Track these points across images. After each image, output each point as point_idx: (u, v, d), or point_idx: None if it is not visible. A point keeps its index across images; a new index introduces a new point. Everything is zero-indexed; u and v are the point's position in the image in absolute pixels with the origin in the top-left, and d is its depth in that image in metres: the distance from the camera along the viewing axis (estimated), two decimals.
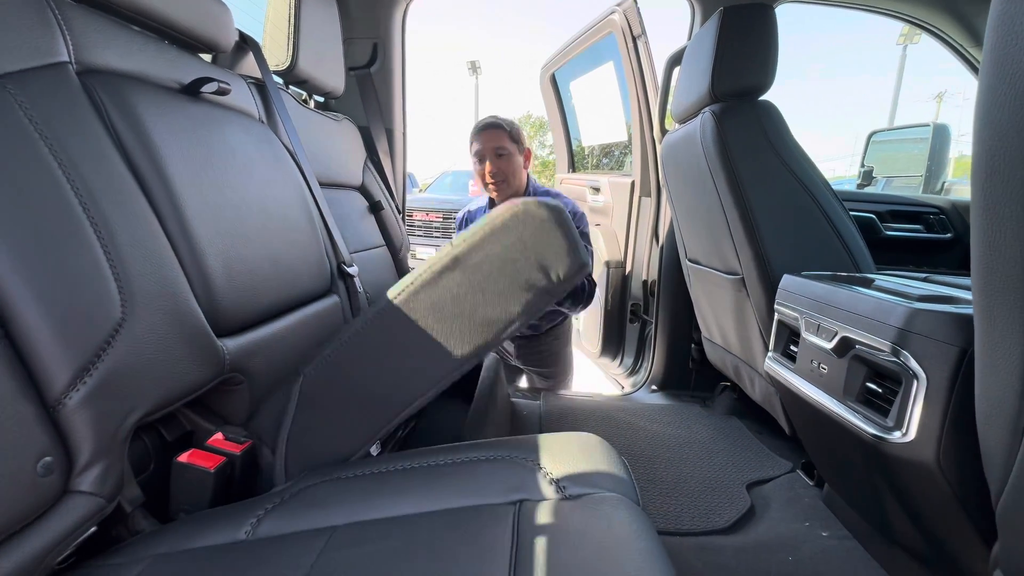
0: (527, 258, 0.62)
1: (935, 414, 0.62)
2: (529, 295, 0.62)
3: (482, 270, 0.63)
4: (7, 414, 0.43)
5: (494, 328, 0.63)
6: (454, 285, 0.64)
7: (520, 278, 0.63)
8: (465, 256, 0.64)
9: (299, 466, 0.67)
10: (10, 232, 0.47)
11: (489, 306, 0.63)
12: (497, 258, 0.63)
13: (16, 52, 0.54)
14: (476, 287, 0.63)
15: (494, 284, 0.63)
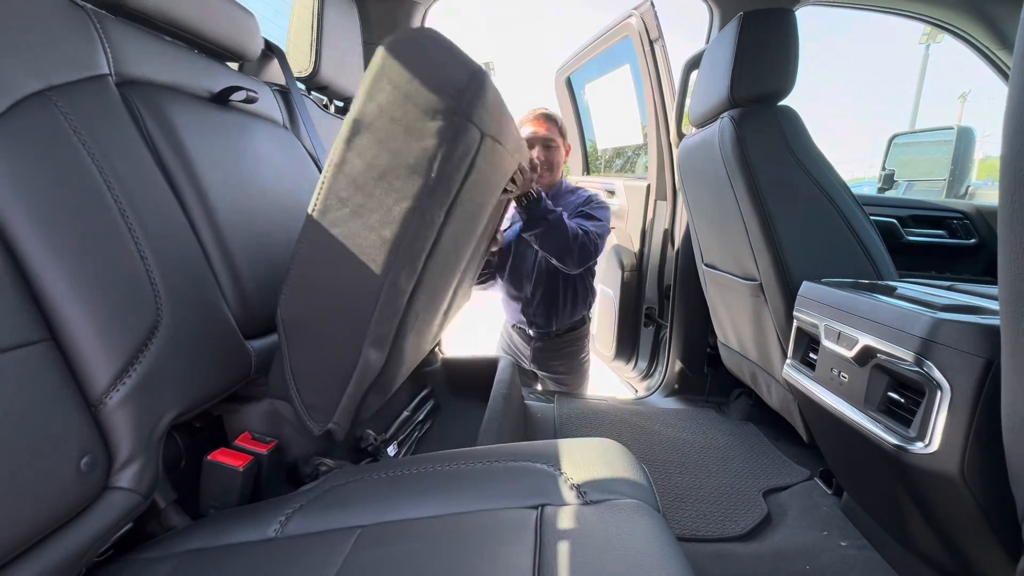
0: (418, 86, 0.56)
1: (959, 425, 0.61)
2: (440, 122, 0.56)
3: (384, 118, 0.57)
4: (54, 413, 0.45)
5: (422, 171, 0.57)
6: (364, 151, 0.57)
7: (422, 107, 0.56)
8: (360, 116, 0.57)
9: (318, 406, 0.65)
10: (56, 238, 0.49)
11: (406, 150, 0.57)
12: (391, 102, 0.56)
13: (62, 66, 0.56)
14: (386, 138, 0.57)
15: (401, 125, 0.57)
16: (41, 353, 0.46)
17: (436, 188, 0.58)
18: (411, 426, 1.36)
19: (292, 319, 0.63)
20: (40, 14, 0.55)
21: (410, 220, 0.57)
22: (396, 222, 0.57)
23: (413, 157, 0.56)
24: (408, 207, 0.57)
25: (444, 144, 0.56)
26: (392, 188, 0.57)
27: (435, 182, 0.57)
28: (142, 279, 0.55)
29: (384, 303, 0.60)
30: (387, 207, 0.57)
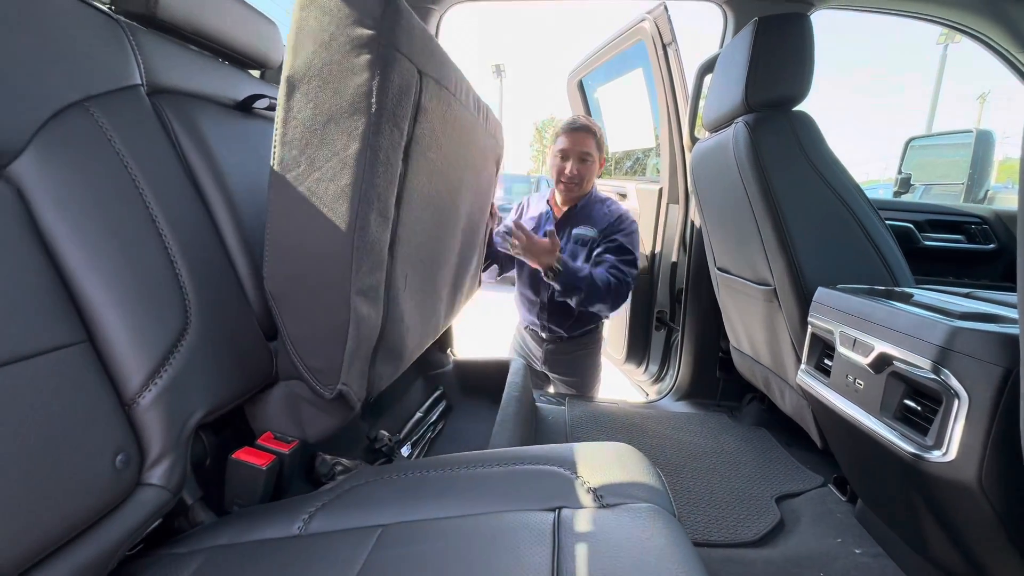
0: (336, 26, 0.55)
1: (977, 434, 0.61)
2: (367, 54, 0.55)
3: (313, 68, 0.56)
4: (91, 411, 0.47)
5: (362, 109, 0.56)
6: (304, 105, 0.57)
7: (346, 45, 0.55)
8: (292, 73, 0.57)
9: (323, 368, 0.64)
10: (95, 243, 0.51)
11: (343, 92, 0.56)
12: (315, 51, 0.56)
13: (99, 77, 0.58)
14: (320, 87, 0.57)
15: (330, 74, 0.56)
16: (79, 354, 0.48)
17: (381, 125, 0.58)
18: (424, 427, 1.37)
19: (278, 290, 0.63)
20: (79, 28, 0.57)
21: (362, 161, 0.58)
22: (350, 166, 0.58)
23: (350, 97, 0.57)
24: (357, 148, 0.57)
25: (376, 75, 0.56)
26: (338, 132, 0.57)
27: (377, 117, 0.57)
28: (172, 283, 0.57)
29: (360, 252, 0.60)
30: (337, 153, 0.58)
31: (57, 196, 0.50)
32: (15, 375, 0.42)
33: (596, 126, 1.54)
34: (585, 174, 1.54)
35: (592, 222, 1.59)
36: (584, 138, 1.52)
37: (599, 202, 1.62)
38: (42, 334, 0.45)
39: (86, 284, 0.50)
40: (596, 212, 1.60)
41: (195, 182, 0.67)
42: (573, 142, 1.52)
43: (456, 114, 0.82)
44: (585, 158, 1.52)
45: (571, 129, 1.53)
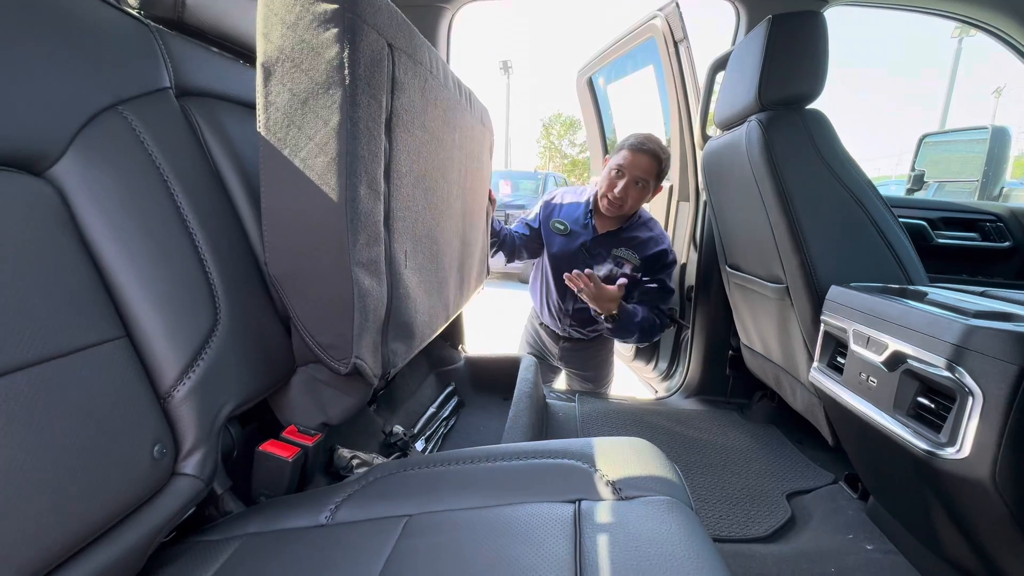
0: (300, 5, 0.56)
1: (991, 432, 0.61)
2: (334, 28, 0.56)
3: (284, 51, 0.57)
4: (131, 404, 0.49)
5: (337, 82, 0.57)
6: (281, 89, 0.59)
7: (312, 23, 0.56)
8: (265, 60, 0.58)
9: (334, 344, 0.66)
10: (131, 243, 0.53)
11: (316, 70, 0.57)
12: (283, 34, 0.57)
13: (130, 81, 0.60)
14: (293, 69, 0.57)
15: (301, 55, 0.57)
16: (118, 349, 0.50)
17: (357, 96, 0.60)
18: (437, 422, 1.39)
19: (281, 273, 0.65)
20: (113, 34, 0.59)
21: (343, 134, 0.59)
22: (333, 140, 0.59)
23: (323, 72, 0.58)
24: (338, 120, 0.59)
25: (345, 47, 0.57)
26: (317, 109, 0.59)
27: (352, 88, 0.59)
28: (202, 280, 0.59)
29: (354, 224, 0.62)
30: (319, 130, 0.59)
31: (96, 197, 0.52)
32: (61, 370, 0.44)
33: (663, 152, 1.44)
34: (633, 199, 1.47)
35: (634, 246, 1.57)
36: (645, 162, 1.42)
37: (642, 224, 1.59)
38: (85, 330, 0.47)
39: (123, 282, 0.52)
40: (639, 238, 1.57)
41: (221, 181, 0.69)
42: (632, 163, 1.43)
43: (435, 91, 0.84)
44: (640, 183, 1.44)
45: (635, 149, 1.42)
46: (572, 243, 1.63)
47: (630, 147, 1.44)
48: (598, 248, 1.59)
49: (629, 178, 1.44)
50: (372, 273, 0.67)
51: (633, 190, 1.45)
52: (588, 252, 1.61)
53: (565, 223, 1.64)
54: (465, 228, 1.19)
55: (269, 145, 0.61)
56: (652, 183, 1.46)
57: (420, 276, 0.86)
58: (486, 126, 1.33)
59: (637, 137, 1.45)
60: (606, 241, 1.58)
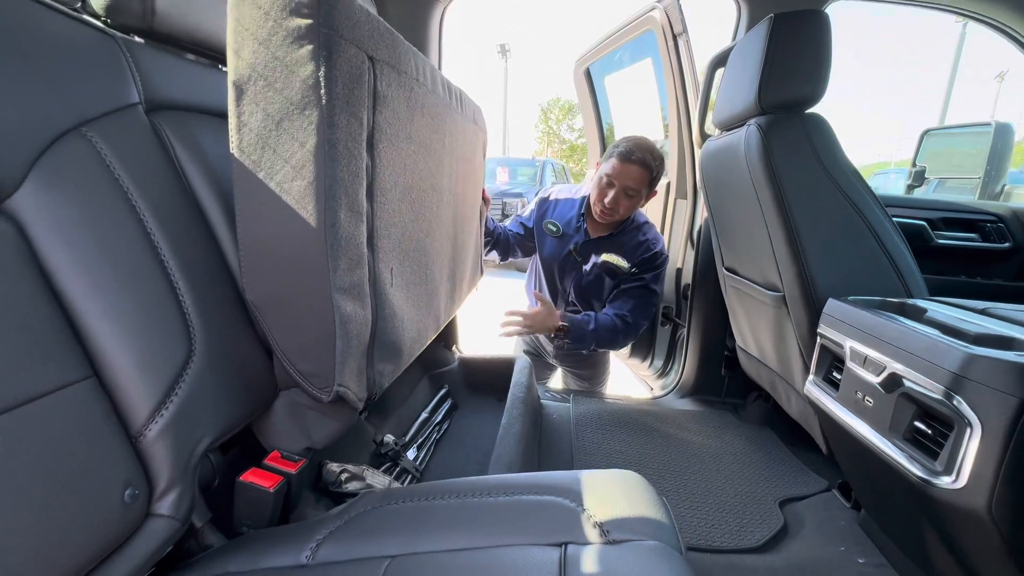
0: (272, 20, 0.53)
1: (989, 463, 0.60)
2: (308, 44, 0.53)
3: (257, 68, 0.54)
4: (99, 447, 0.47)
5: (312, 103, 0.55)
6: (254, 110, 0.56)
7: (285, 39, 0.53)
8: (237, 78, 0.55)
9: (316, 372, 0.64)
10: (97, 275, 0.51)
11: (290, 89, 0.54)
12: (255, 50, 0.54)
13: (95, 99, 0.57)
14: (265, 87, 0.55)
15: (274, 73, 0.54)
16: (86, 390, 0.48)
17: (334, 116, 0.56)
18: (430, 427, 1.38)
19: (259, 299, 0.63)
20: (73, 49, 0.56)
21: (320, 157, 0.56)
22: (309, 164, 0.56)
23: (298, 92, 0.55)
24: (314, 143, 0.56)
25: (320, 66, 0.54)
26: (293, 131, 0.56)
27: (329, 109, 0.56)
28: (176, 310, 0.57)
29: (334, 250, 0.59)
30: (295, 153, 0.56)
31: (58, 229, 0.49)
32: (24, 418, 0.42)
33: (654, 160, 1.38)
34: (625, 209, 1.43)
35: (624, 251, 1.53)
36: (635, 172, 1.37)
37: (635, 228, 1.54)
38: (49, 373, 0.45)
39: (89, 318, 0.50)
40: (630, 242, 1.53)
41: (196, 201, 0.66)
42: (621, 173, 1.38)
43: (421, 99, 0.80)
44: (630, 193, 1.40)
45: (624, 159, 1.36)
46: (563, 246, 1.61)
47: (619, 156, 1.39)
48: (588, 252, 1.57)
49: (619, 188, 1.40)
50: (355, 297, 0.65)
51: (624, 200, 1.41)
52: (579, 256, 1.58)
53: (558, 224, 1.62)
54: (457, 233, 1.17)
55: (243, 167, 0.58)
56: (644, 191, 1.42)
57: (407, 292, 0.84)
58: (479, 125, 1.29)
59: (627, 145, 1.39)
60: (597, 245, 1.56)
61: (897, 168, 8.44)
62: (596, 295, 1.62)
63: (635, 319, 1.52)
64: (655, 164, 1.38)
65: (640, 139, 1.41)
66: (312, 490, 0.93)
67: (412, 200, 0.82)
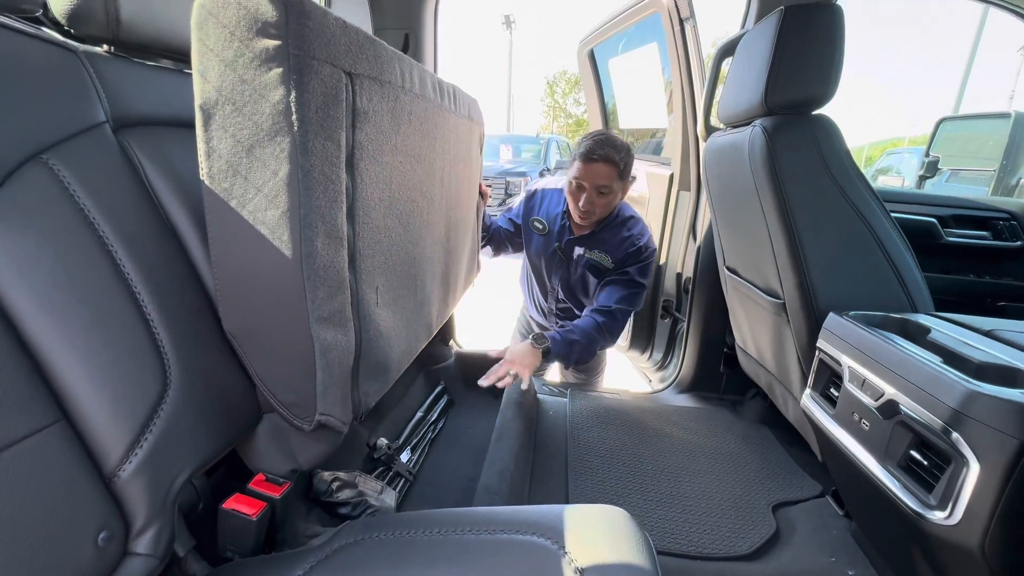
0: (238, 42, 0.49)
1: (985, 502, 0.59)
2: (277, 68, 0.50)
3: (224, 92, 0.52)
4: (70, 493, 0.47)
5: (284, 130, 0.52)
6: (221, 138, 0.53)
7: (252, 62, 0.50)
8: (203, 102, 0.52)
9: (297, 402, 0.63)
10: (63, 315, 0.49)
11: (260, 115, 0.52)
12: (221, 73, 0.51)
13: (57, 122, 0.54)
14: (232, 113, 0.52)
15: (242, 98, 0.51)
16: (54, 435, 0.47)
17: (308, 143, 0.53)
18: (425, 427, 1.39)
19: (237, 329, 0.62)
20: (30, 67, 0.52)
21: (295, 185, 0.53)
22: (283, 193, 0.54)
23: (268, 118, 0.52)
24: (287, 172, 0.53)
25: (291, 90, 0.51)
26: (265, 159, 0.53)
27: (303, 135, 0.52)
28: (149, 344, 0.55)
29: (312, 280, 0.57)
30: (268, 181, 0.54)
31: (18, 269, 0.47)
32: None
33: (618, 152, 1.33)
34: (601, 207, 1.40)
35: (609, 248, 1.50)
36: (601, 170, 1.33)
37: (620, 224, 1.51)
38: (15, 422, 0.44)
39: (57, 360, 0.48)
40: (614, 238, 1.49)
41: (170, 223, 0.64)
42: (588, 174, 1.35)
43: (408, 107, 0.76)
44: (603, 191, 1.36)
45: (587, 160, 1.34)
46: (549, 244, 1.59)
47: (581, 159, 1.35)
48: (572, 250, 1.55)
49: (590, 189, 1.37)
50: (336, 325, 0.63)
51: (598, 199, 1.38)
52: (563, 254, 1.57)
53: (544, 222, 1.60)
54: (450, 236, 1.14)
55: (214, 196, 0.55)
56: (617, 184, 1.38)
57: (395, 308, 0.82)
58: (474, 119, 1.25)
59: (587, 144, 1.35)
60: (581, 243, 1.54)
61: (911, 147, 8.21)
62: (583, 291, 1.61)
63: (619, 310, 1.48)
64: (620, 156, 1.34)
65: (599, 135, 1.37)
66: (304, 500, 0.94)
67: (399, 213, 0.79)
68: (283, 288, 0.57)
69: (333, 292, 0.61)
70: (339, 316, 0.63)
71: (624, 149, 1.36)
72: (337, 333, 0.63)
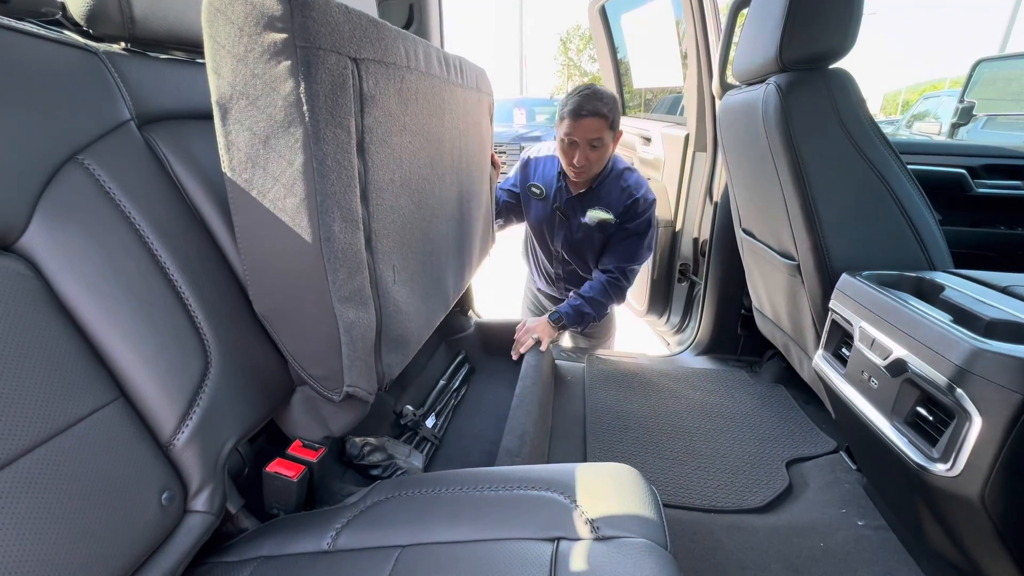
0: (247, 36, 0.51)
1: (986, 455, 0.60)
2: (285, 60, 0.52)
3: (237, 86, 0.54)
4: (134, 460, 0.53)
5: (297, 121, 0.54)
6: (239, 132, 0.56)
7: (262, 55, 0.52)
8: (219, 98, 0.55)
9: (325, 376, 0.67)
10: (111, 303, 0.54)
11: (272, 108, 0.54)
12: (234, 68, 0.53)
13: (87, 123, 0.58)
14: (248, 106, 0.54)
15: (255, 91, 0.53)
16: (115, 411, 0.52)
17: (320, 131, 0.56)
18: (448, 394, 1.45)
19: (267, 310, 0.66)
20: (57, 73, 0.56)
21: (310, 173, 0.56)
22: (300, 181, 0.57)
23: (282, 110, 0.54)
24: (302, 161, 0.56)
25: (300, 82, 0.53)
26: (280, 150, 0.56)
27: (315, 125, 0.55)
28: (189, 327, 0.60)
29: (332, 263, 0.61)
30: (285, 171, 0.56)
31: (70, 264, 0.52)
32: (63, 445, 0.47)
33: (606, 104, 1.34)
34: (595, 161, 1.41)
35: (608, 203, 1.51)
36: (591, 124, 1.34)
37: (616, 177, 1.51)
38: (80, 401, 0.49)
39: (110, 344, 0.53)
40: (613, 191, 1.50)
41: (197, 213, 0.68)
42: (577, 129, 1.35)
43: (415, 86, 0.78)
44: (595, 144, 1.37)
45: (575, 116, 1.34)
46: (548, 208, 1.61)
47: (570, 115, 1.35)
48: (572, 210, 1.56)
49: (582, 144, 1.37)
50: (357, 303, 0.67)
51: (591, 153, 1.39)
52: (563, 215, 1.58)
53: (541, 187, 1.61)
54: (463, 210, 1.16)
55: (236, 187, 0.59)
56: (608, 136, 1.38)
57: (412, 284, 0.86)
58: (483, 90, 1.24)
59: (573, 101, 1.35)
60: (580, 202, 1.55)
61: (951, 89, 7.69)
62: (589, 249, 1.63)
63: (626, 269, 1.54)
64: (607, 108, 1.34)
65: (585, 89, 1.37)
66: (337, 463, 1.02)
67: (411, 191, 0.82)
68: (306, 271, 0.61)
69: (353, 273, 0.65)
70: (360, 295, 0.67)
71: (611, 100, 1.36)
72: (359, 311, 0.67)
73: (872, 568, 0.92)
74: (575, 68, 23.93)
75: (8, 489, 0.42)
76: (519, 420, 1.17)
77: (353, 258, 0.65)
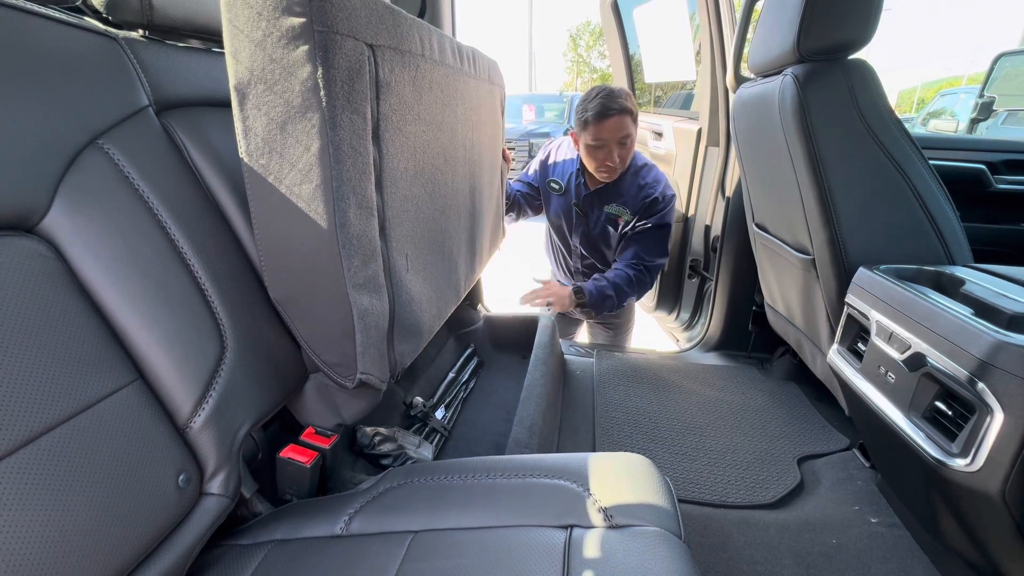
0: (265, 20, 0.52)
1: (1007, 450, 0.59)
2: (303, 45, 0.52)
3: (255, 71, 0.54)
4: (151, 442, 0.53)
5: (313, 106, 0.54)
6: (256, 117, 0.56)
7: (279, 40, 0.52)
8: (237, 83, 0.55)
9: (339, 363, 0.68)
10: (129, 286, 0.54)
11: (290, 93, 0.54)
12: (252, 53, 0.53)
13: (106, 108, 0.58)
14: (265, 92, 0.55)
15: (273, 76, 0.53)
16: (133, 393, 0.53)
17: (336, 117, 0.56)
18: (457, 387, 1.45)
19: (281, 296, 0.67)
20: (77, 58, 0.56)
21: (326, 159, 0.57)
22: (316, 167, 0.57)
23: (299, 96, 0.54)
24: (319, 147, 0.56)
25: (318, 67, 0.53)
26: (297, 135, 0.56)
27: (331, 110, 0.55)
28: (205, 311, 0.61)
29: (347, 249, 0.61)
30: (301, 156, 0.57)
31: (90, 246, 0.53)
32: (83, 426, 0.47)
33: (627, 100, 1.36)
34: (626, 156, 1.42)
35: (625, 199, 1.52)
36: (620, 123, 1.35)
37: (634, 173, 1.52)
38: (99, 382, 0.50)
39: (128, 327, 0.54)
40: (630, 188, 1.51)
41: (214, 200, 0.68)
42: (610, 131, 1.36)
43: (429, 75, 0.78)
44: (625, 141, 1.39)
45: (602, 118, 1.35)
46: (567, 203, 1.62)
47: (595, 118, 1.36)
48: (590, 205, 1.57)
49: (612, 144, 1.38)
50: (371, 290, 0.67)
51: (622, 151, 1.41)
52: (581, 210, 1.59)
53: (559, 182, 1.62)
54: (475, 202, 1.16)
55: (253, 172, 0.59)
56: (634, 129, 1.41)
57: (424, 274, 0.86)
58: (495, 82, 1.24)
59: (596, 104, 1.36)
60: (598, 197, 1.56)
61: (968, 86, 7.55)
62: (605, 244, 1.64)
63: (650, 260, 1.55)
64: (628, 103, 1.37)
65: (601, 91, 1.38)
66: (349, 452, 1.02)
67: (424, 181, 0.82)
68: (321, 258, 0.61)
69: (367, 260, 0.65)
70: (373, 282, 0.68)
71: (627, 94, 1.39)
72: (372, 298, 0.68)
73: (886, 565, 0.91)
74: (584, 64, 23.81)
75: (34, 464, 0.43)
76: (528, 412, 1.17)
77: (368, 245, 0.65)
